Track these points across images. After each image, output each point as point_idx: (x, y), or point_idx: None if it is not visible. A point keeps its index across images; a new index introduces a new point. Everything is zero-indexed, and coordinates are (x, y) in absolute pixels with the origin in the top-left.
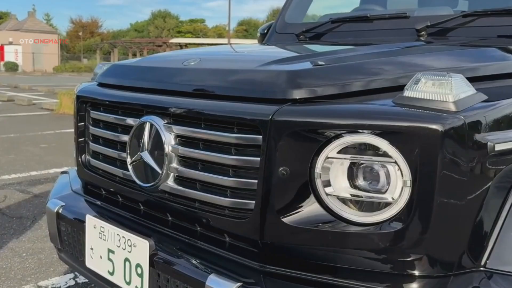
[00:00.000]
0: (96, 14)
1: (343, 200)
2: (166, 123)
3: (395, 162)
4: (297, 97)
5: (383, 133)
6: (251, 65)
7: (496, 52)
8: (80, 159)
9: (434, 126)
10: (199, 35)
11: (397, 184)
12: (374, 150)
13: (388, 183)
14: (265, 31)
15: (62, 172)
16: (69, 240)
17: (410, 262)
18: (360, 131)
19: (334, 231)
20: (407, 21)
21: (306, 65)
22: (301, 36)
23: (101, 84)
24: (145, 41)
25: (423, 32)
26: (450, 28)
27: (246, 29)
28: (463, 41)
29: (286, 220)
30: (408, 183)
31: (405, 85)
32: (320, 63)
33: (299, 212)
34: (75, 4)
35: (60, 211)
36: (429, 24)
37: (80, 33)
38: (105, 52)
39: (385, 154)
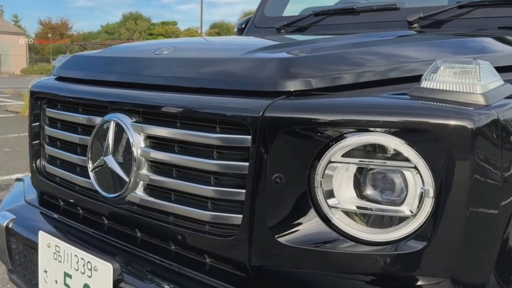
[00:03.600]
0: (66, 16)
1: (350, 214)
2: (135, 121)
3: (415, 167)
4: (292, 89)
5: (399, 131)
6: (235, 54)
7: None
8: (34, 164)
9: (464, 123)
10: (171, 37)
11: (416, 194)
12: (387, 153)
13: (406, 192)
14: (243, 25)
15: (17, 180)
16: (21, 259)
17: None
18: (371, 129)
19: (338, 252)
20: (397, 13)
21: (302, 52)
22: (282, 30)
23: (59, 78)
24: (116, 43)
25: (415, 25)
26: (445, 20)
27: (218, 32)
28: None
29: (280, 238)
30: (431, 193)
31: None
32: (317, 50)
33: (295, 228)
34: (44, 5)
35: (10, 225)
36: (422, 15)
37: (50, 35)
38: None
39: (402, 158)
